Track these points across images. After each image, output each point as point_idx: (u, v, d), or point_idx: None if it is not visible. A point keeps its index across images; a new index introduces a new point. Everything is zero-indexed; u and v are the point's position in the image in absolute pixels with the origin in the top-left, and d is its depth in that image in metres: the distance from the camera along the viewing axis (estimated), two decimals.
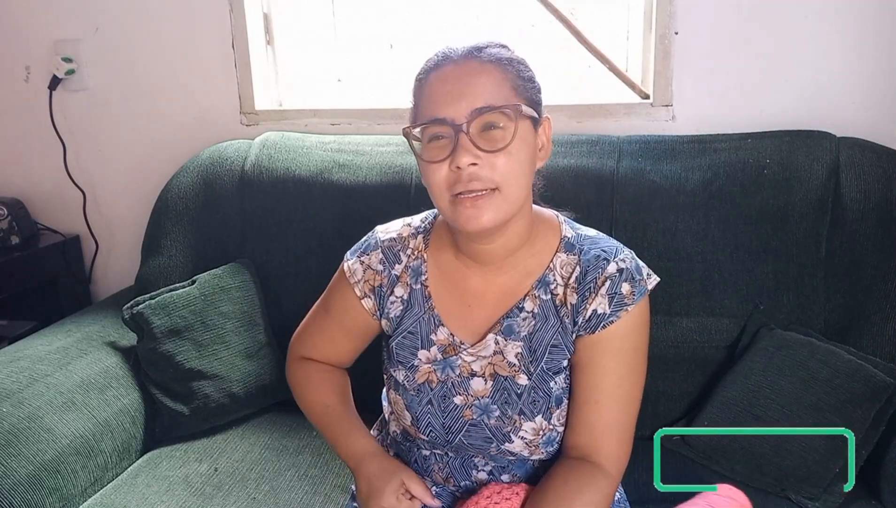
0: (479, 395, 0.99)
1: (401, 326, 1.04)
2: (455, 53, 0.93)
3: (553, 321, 0.97)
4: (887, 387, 1.22)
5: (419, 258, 1.04)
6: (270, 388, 1.51)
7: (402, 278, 1.04)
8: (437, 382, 1.00)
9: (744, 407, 1.27)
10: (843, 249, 1.36)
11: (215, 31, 1.78)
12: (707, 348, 1.39)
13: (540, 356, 0.97)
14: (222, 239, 1.63)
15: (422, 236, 1.05)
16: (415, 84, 0.96)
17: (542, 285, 0.98)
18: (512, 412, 0.97)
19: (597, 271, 0.95)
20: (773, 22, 1.51)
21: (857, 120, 1.49)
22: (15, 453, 1.22)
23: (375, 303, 1.06)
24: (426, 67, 0.95)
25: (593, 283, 0.95)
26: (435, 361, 1.01)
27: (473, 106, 0.88)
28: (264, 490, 1.29)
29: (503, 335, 0.98)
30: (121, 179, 1.94)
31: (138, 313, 1.44)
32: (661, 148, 1.47)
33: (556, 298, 0.98)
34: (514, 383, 0.97)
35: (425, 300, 1.03)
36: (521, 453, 0.99)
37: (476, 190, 0.89)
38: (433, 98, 0.91)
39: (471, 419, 0.99)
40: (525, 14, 1.70)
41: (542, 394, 0.96)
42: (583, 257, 0.97)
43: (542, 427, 0.97)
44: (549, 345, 0.97)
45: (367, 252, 1.07)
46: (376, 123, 1.74)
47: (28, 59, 1.90)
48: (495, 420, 0.98)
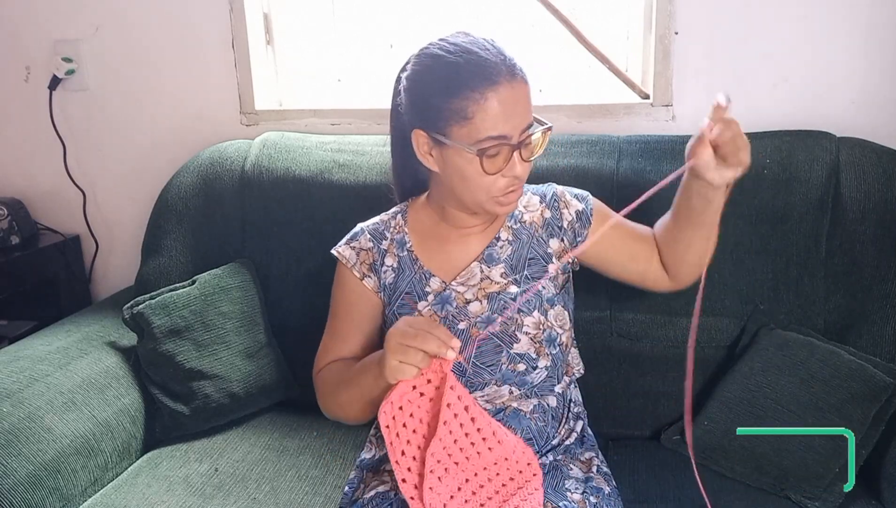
0: (478, 314, 1.13)
1: (396, 291, 1.17)
2: (500, 68, 1.00)
3: (526, 239, 1.17)
4: (887, 387, 1.22)
5: (401, 232, 1.20)
6: (270, 388, 1.51)
7: (390, 250, 1.19)
8: (439, 319, 1.13)
9: (744, 407, 1.27)
10: (843, 249, 1.36)
11: (215, 31, 1.78)
12: (707, 348, 1.39)
13: (521, 269, 1.15)
14: (222, 239, 1.62)
15: (400, 216, 1.22)
16: (458, 89, 1.00)
17: (511, 218, 1.19)
18: (512, 313, 1.12)
19: (549, 190, 1.21)
20: (773, 22, 1.51)
21: (857, 120, 1.49)
22: (15, 453, 1.22)
23: (376, 281, 1.18)
24: (470, 81, 0.99)
25: (555, 197, 1.20)
26: (433, 303, 1.14)
27: (525, 123, 1.03)
28: (265, 490, 1.29)
29: (486, 262, 1.16)
30: (121, 179, 1.94)
31: (138, 314, 1.44)
32: (661, 148, 1.47)
33: (524, 223, 1.18)
34: (506, 293, 1.14)
35: (413, 262, 1.17)
36: (528, 353, 1.12)
37: (517, 188, 1.07)
38: (495, 116, 1.00)
39: (477, 336, 1.11)
40: (525, 14, 1.70)
41: (534, 295, 1.13)
42: (531, 190, 1.22)
43: (541, 322, 1.13)
44: (528, 258, 1.16)
45: (356, 238, 1.21)
46: (376, 123, 1.74)
47: (28, 60, 1.90)
48: (500, 326, 1.12)
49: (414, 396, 0.98)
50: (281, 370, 1.54)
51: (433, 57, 1.04)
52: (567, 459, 1.15)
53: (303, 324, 1.54)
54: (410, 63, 1.08)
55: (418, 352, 0.93)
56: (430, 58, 1.04)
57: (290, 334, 1.57)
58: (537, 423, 1.13)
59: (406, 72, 1.08)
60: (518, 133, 1.02)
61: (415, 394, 0.98)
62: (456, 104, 1.00)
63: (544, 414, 1.14)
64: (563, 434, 1.17)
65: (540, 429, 1.13)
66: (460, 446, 0.99)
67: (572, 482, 1.10)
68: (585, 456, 1.18)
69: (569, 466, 1.14)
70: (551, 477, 1.10)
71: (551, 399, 1.16)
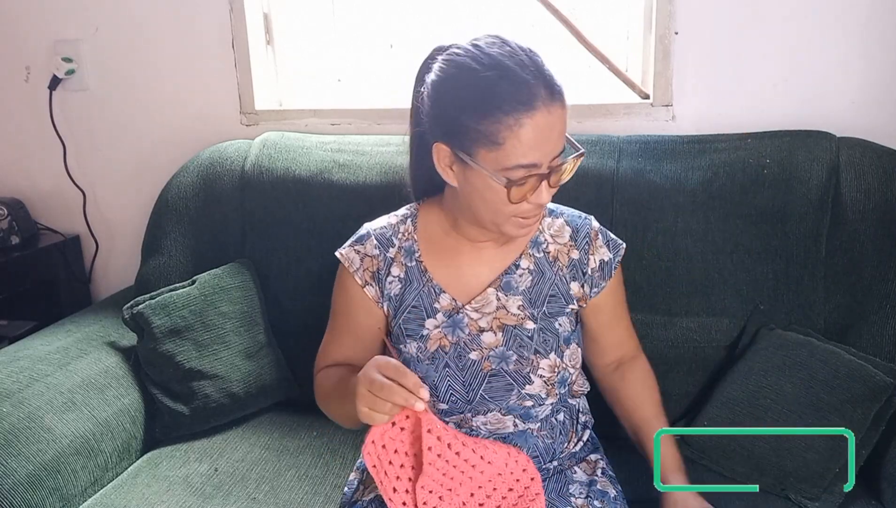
0: (492, 346, 1.08)
1: (403, 303, 1.11)
2: (540, 92, 0.92)
3: (549, 275, 1.11)
4: (887, 387, 1.22)
5: (410, 239, 1.13)
6: (270, 388, 1.52)
7: (397, 259, 1.12)
8: (449, 345, 1.08)
9: (744, 407, 1.27)
10: (843, 249, 1.36)
11: (215, 31, 1.78)
12: (707, 348, 1.39)
13: (540, 305, 1.10)
14: (222, 239, 1.62)
15: (410, 221, 1.15)
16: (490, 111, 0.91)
17: (534, 245, 1.12)
18: (528, 353, 1.08)
19: (585, 227, 1.14)
20: (773, 22, 1.51)
21: (857, 120, 1.49)
22: (15, 453, 1.22)
23: (378, 290, 1.13)
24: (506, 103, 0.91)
25: (588, 238, 1.13)
26: (443, 325, 1.09)
27: (557, 150, 0.96)
28: (264, 490, 1.29)
29: (503, 290, 1.10)
30: (121, 179, 1.94)
31: (138, 313, 1.44)
32: (661, 148, 1.47)
33: (548, 255, 1.12)
34: (522, 329, 1.09)
35: (422, 274, 1.11)
36: (538, 394, 1.09)
37: (540, 215, 1.03)
38: (528, 143, 0.92)
39: (490, 370, 1.08)
40: (525, 14, 1.70)
41: (551, 334, 1.09)
42: (566, 218, 1.14)
43: (557, 365, 1.09)
44: (548, 295, 1.10)
45: (362, 242, 1.14)
46: (376, 123, 1.74)
47: (28, 59, 1.90)
48: (514, 364, 1.08)
49: (395, 432, 0.95)
50: (281, 370, 1.54)
51: (463, 68, 0.94)
52: (571, 462, 1.14)
53: (303, 324, 1.54)
54: (437, 66, 0.98)
55: (386, 403, 0.89)
56: (459, 68, 0.95)
57: (290, 334, 1.57)
58: (545, 440, 1.11)
59: (431, 75, 0.99)
60: (549, 160, 0.95)
61: (395, 430, 0.95)
62: (486, 127, 0.91)
63: (552, 430, 1.12)
64: (571, 445, 1.15)
65: (547, 446, 1.11)
66: (450, 476, 0.97)
67: (576, 486, 1.09)
68: (591, 458, 1.17)
69: (573, 469, 1.13)
70: (555, 482, 1.09)
71: (560, 415, 1.14)
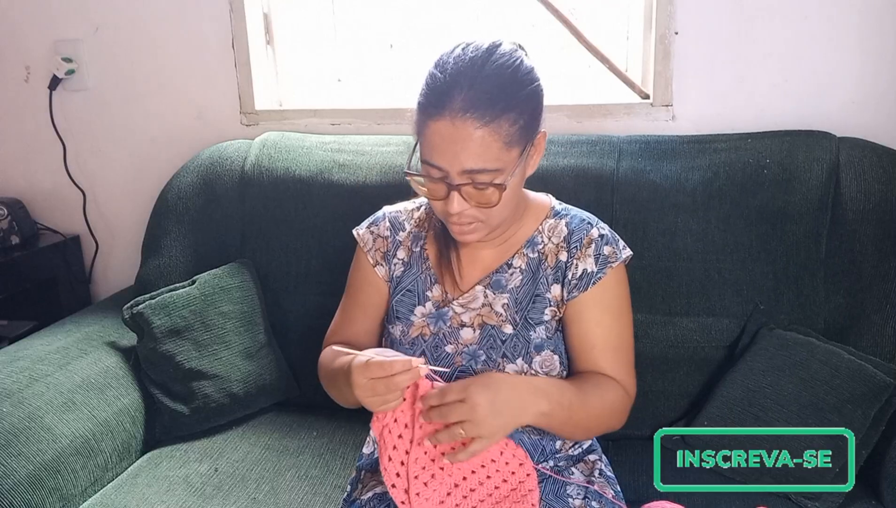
0: (468, 343, 1.10)
1: (401, 284, 1.16)
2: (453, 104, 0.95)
3: (538, 275, 1.11)
4: (887, 387, 1.22)
5: (421, 226, 1.18)
6: (270, 388, 1.51)
7: (405, 243, 1.18)
8: (429, 334, 1.12)
9: (744, 407, 1.27)
10: (842, 249, 1.36)
11: (215, 31, 1.78)
12: (707, 348, 1.39)
13: (524, 307, 1.10)
14: (222, 239, 1.63)
15: (424, 208, 1.19)
16: (418, 107, 1.00)
17: (530, 245, 1.12)
18: (496, 356, 1.09)
19: (581, 232, 1.10)
20: (773, 22, 1.51)
21: (857, 120, 1.50)
22: (15, 453, 1.22)
23: (387, 270, 1.17)
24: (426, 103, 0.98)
25: (579, 243, 1.10)
26: (429, 315, 1.13)
27: (465, 166, 0.96)
28: (264, 490, 1.29)
29: (492, 288, 1.11)
30: (121, 179, 1.94)
31: (138, 313, 1.44)
32: (661, 148, 1.47)
33: (541, 255, 1.11)
34: (499, 331, 1.10)
35: (423, 261, 1.16)
36: None
37: (464, 223, 1.02)
38: (432, 145, 0.97)
39: (460, 366, 1.09)
40: (525, 14, 1.70)
41: (523, 341, 1.08)
42: (569, 219, 1.13)
43: (523, 370, 1.08)
44: (534, 295, 1.10)
45: (377, 223, 1.20)
46: (376, 123, 1.74)
47: (28, 59, 1.90)
48: (481, 365, 1.09)
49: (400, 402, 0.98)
50: (281, 370, 1.54)
51: (433, 63, 1.02)
52: (568, 463, 1.14)
53: (302, 324, 1.54)
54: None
55: (393, 392, 0.93)
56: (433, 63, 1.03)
57: (290, 334, 1.57)
58: (531, 436, 1.09)
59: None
60: (457, 171, 0.96)
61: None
62: (415, 117, 1.01)
63: (535, 427, 1.07)
64: (568, 445, 1.14)
65: (534, 442, 1.10)
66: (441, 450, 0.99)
67: (573, 487, 1.09)
68: (589, 459, 1.17)
69: (570, 470, 1.13)
70: (552, 482, 1.09)
71: None
